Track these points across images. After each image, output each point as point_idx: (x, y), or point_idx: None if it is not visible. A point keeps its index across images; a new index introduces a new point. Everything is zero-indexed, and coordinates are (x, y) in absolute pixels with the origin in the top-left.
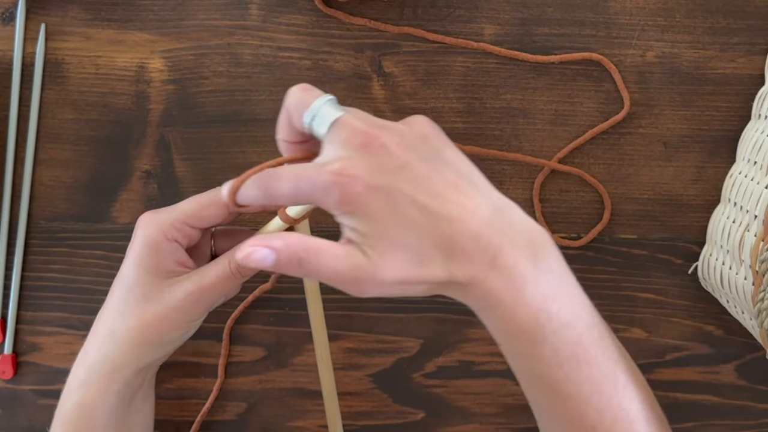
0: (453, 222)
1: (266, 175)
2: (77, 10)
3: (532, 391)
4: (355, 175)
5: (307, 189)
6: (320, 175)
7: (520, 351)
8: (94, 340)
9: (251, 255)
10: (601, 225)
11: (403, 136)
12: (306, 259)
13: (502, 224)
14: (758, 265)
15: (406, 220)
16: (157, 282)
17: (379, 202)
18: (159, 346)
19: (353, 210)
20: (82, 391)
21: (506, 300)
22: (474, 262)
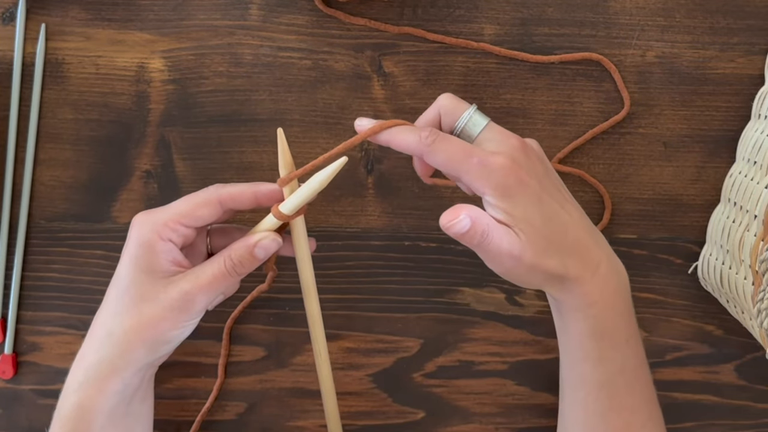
0: (576, 229)
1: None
2: (77, 10)
3: (592, 396)
4: (520, 167)
5: (474, 164)
6: (495, 157)
7: (598, 352)
8: (91, 341)
9: (457, 223)
10: (602, 225)
11: (537, 153)
12: (487, 232)
13: (604, 244)
14: (758, 265)
15: (546, 216)
16: (152, 282)
17: (530, 195)
18: (157, 345)
19: (513, 195)
20: (81, 392)
21: (601, 302)
22: (585, 264)
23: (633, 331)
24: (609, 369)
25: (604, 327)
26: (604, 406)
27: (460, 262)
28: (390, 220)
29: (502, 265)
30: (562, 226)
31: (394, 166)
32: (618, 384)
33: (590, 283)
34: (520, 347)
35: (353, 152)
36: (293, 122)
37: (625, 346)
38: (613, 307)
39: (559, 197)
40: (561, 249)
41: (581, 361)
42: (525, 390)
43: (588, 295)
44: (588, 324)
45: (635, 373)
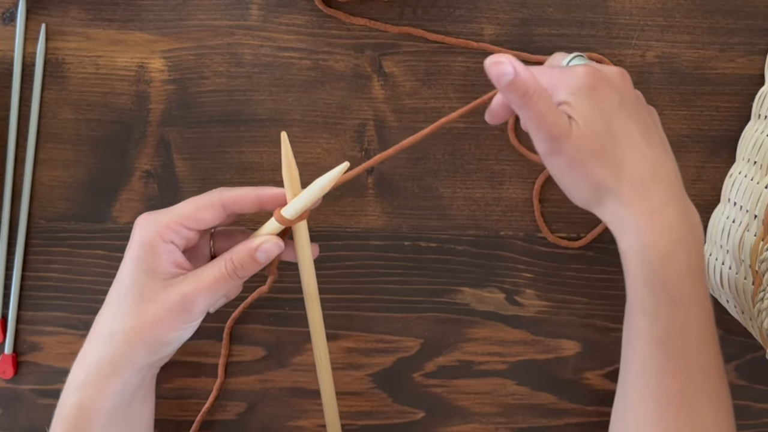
0: (647, 155)
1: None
2: (77, 10)
3: (650, 358)
4: (604, 75)
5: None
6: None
7: (654, 305)
8: (93, 340)
9: (499, 65)
10: (601, 227)
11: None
12: (531, 94)
13: (681, 194)
14: (758, 265)
15: (613, 126)
16: (154, 283)
17: (607, 99)
18: (157, 346)
19: (584, 94)
20: (81, 392)
21: (660, 248)
22: (647, 193)
23: (701, 296)
24: (666, 327)
25: (663, 279)
26: (660, 366)
27: (460, 262)
28: (390, 220)
29: (543, 143)
30: (634, 147)
31: (394, 166)
32: (676, 346)
33: (648, 220)
34: (520, 347)
35: (353, 152)
36: (293, 122)
37: (688, 307)
38: (675, 260)
39: (642, 127)
40: (620, 166)
41: (638, 313)
42: (525, 390)
43: (644, 234)
44: (644, 271)
45: (698, 340)
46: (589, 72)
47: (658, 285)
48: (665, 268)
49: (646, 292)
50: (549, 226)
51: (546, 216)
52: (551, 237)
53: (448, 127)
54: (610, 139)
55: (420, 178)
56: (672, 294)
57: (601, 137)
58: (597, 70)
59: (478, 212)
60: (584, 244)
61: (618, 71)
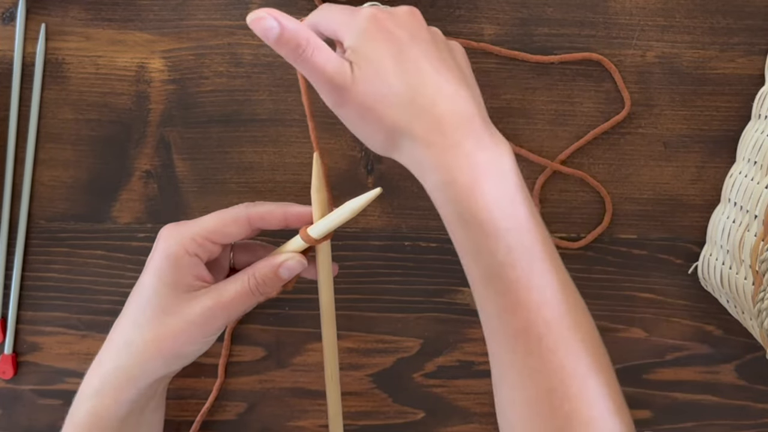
0: (441, 93)
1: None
2: (77, 10)
3: (484, 296)
4: (388, 18)
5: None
6: (366, 8)
7: (471, 243)
8: (109, 348)
9: (259, 21)
10: (601, 228)
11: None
12: (304, 47)
13: (481, 125)
14: (758, 265)
15: (403, 68)
16: (175, 295)
17: (391, 44)
18: (174, 359)
19: (366, 38)
20: (95, 400)
21: (462, 181)
22: (441, 130)
23: (522, 225)
24: (489, 262)
25: (471, 213)
26: (497, 304)
27: (460, 262)
28: (390, 220)
29: (327, 95)
30: (423, 85)
31: (394, 166)
32: (507, 279)
33: (446, 155)
34: None
35: (353, 152)
36: (293, 122)
37: (507, 237)
38: (480, 191)
39: (436, 62)
40: (411, 106)
41: (462, 256)
42: None
43: (444, 170)
44: (452, 208)
45: (531, 269)
46: (372, 13)
47: (468, 220)
48: (471, 202)
49: (460, 231)
50: (549, 226)
51: (546, 216)
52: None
53: None
54: (399, 79)
55: None
56: (485, 227)
57: (388, 78)
58: (381, 10)
59: None
60: (584, 244)
61: (407, 9)
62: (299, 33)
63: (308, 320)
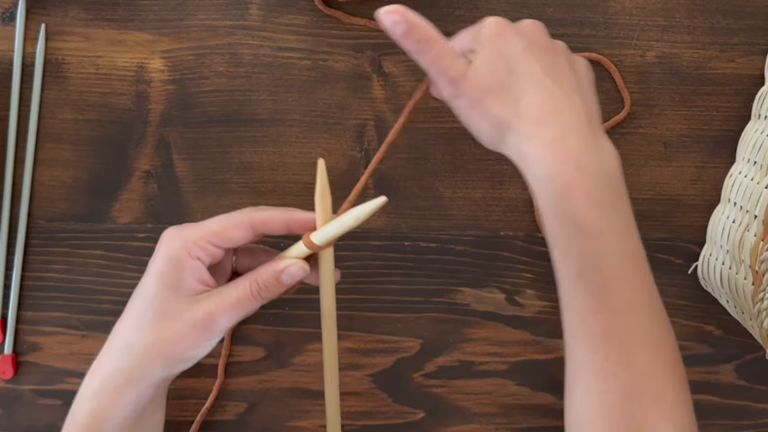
0: (546, 91)
1: None
2: (77, 10)
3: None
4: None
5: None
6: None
7: (566, 239)
8: (110, 350)
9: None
10: None
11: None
12: (425, 41)
13: (588, 126)
14: (758, 265)
15: (513, 66)
16: (177, 299)
17: (509, 45)
18: (175, 362)
19: (488, 40)
20: (95, 401)
21: (565, 176)
22: (545, 124)
23: (615, 228)
24: (580, 261)
25: (568, 209)
26: (581, 304)
27: (460, 262)
28: (390, 220)
29: (444, 87)
30: (530, 85)
31: (394, 166)
32: (593, 281)
33: (549, 149)
34: (520, 347)
35: (353, 152)
36: (293, 122)
37: (599, 240)
38: (578, 188)
39: (550, 67)
40: (518, 100)
41: (554, 250)
42: (525, 390)
43: (546, 164)
44: (550, 201)
45: (618, 275)
46: (496, 21)
47: (565, 216)
48: (569, 198)
49: (556, 225)
50: None
51: None
52: None
53: (448, 127)
54: (510, 78)
55: (420, 178)
56: (580, 225)
57: (500, 76)
58: (505, 20)
59: (478, 212)
60: None
61: (530, 21)
62: (422, 28)
63: (308, 320)
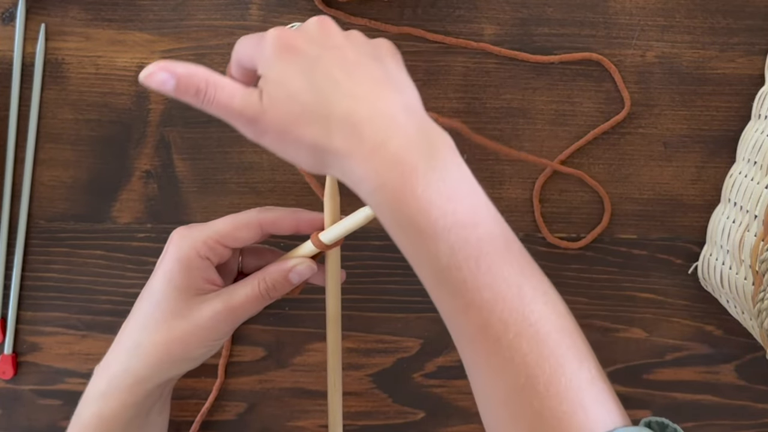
0: (355, 99)
1: None
2: (77, 10)
3: (437, 298)
4: (292, 36)
5: (254, 44)
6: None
7: (413, 247)
8: (117, 351)
9: (151, 76)
10: (601, 228)
11: (354, 36)
12: (204, 90)
13: (407, 120)
14: (758, 265)
15: (313, 83)
16: (185, 299)
17: (298, 61)
18: (183, 362)
19: (274, 62)
20: (102, 402)
21: (391, 185)
22: (360, 137)
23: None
24: (434, 266)
25: (406, 215)
26: (450, 307)
27: None
28: None
29: (243, 129)
30: (338, 95)
31: None
32: (456, 279)
33: (370, 161)
34: None
35: None
36: None
37: (448, 236)
38: (412, 191)
39: (352, 66)
40: (328, 120)
41: (409, 260)
42: None
43: (371, 177)
44: (385, 213)
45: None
46: (275, 35)
47: (404, 226)
48: (404, 205)
49: (399, 236)
50: (549, 226)
51: (546, 216)
52: (550, 237)
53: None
54: (312, 95)
55: None
56: (423, 230)
57: (300, 97)
58: (285, 30)
59: None
60: (584, 244)
61: (315, 20)
62: (195, 77)
63: (308, 320)
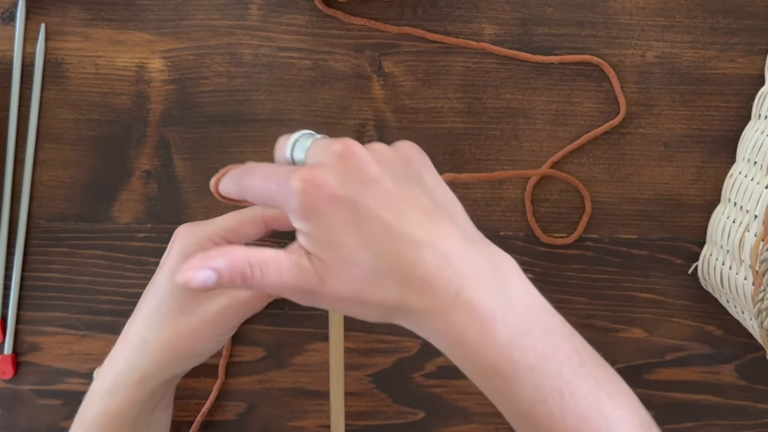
0: (417, 246)
1: (243, 169)
2: (77, 10)
3: (517, 426)
4: (323, 183)
5: (274, 190)
6: (289, 179)
7: (496, 391)
8: (123, 348)
9: (192, 279)
10: (578, 233)
11: (382, 153)
12: (250, 275)
13: (471, 255)
14: (758, 265)
15: (366, 235)
16: (191, 295)
17: (341, 213)
18: (189, 358)
19: (313, 217)
20: (108, 400)
21: (471, 338)
22: (435, 292)
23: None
24: (519, 405)
25: (489, 365)
26: None
27: None
28: None
29: (301, 301)
30: (396, 245)
31: None
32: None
33: (450, 316)
34: None
35: None
36: (293, 122)
37: (531, 374)
38: (495, 340)
39: (409, 210)
40: (396, 275)
41: (490, 398)
42: None
43: (449, 332)
44: (467, 366)
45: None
46: (303, 180)
47: (487, 373)
48: (486, 355)
49: (482, 383)
50: (549, 225)
51: (545, 216)
52: (544, 237)
53: (448, 127)
54: (370, 253)
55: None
56: (506, 375)
57: (357, 257)
58: (311, 181)
59: (478, 212)
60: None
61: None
62: (235, 263)
63: (308, 320)
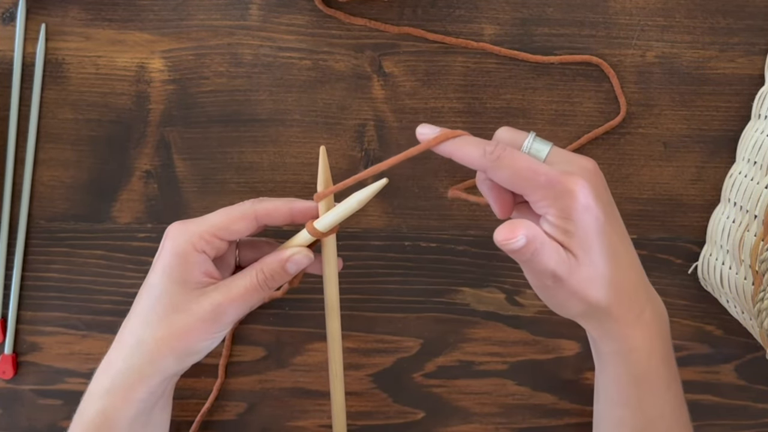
0: (635, 271)
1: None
2: (77, 10)
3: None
4: (590, 192)
5: (542, 182)
6: (565, 177)
7: (638, 400)
8: (119, 348)
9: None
10: None
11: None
12: (539, 250)
13: (647, 284)
14: (758, 265)
15: (607, 246)
16: (185, 292)
17: (597, 222)
18: (185, 356)
19: (578, 218)
20: (106, 400)
21: (642, 348)
22: (630, 306)
23: (674, 375)
24: (649, 415)
25: (645, 373)
26: None
27: (460, 262)
28: (390, 220)
29: (543, 282)
30: (619, 261)
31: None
32: (658, 428)
33: (632, 327)
34: (520, 347)
35: (353, 152)
36: (293, 122)
37: (666, 392)
38: (654, 353)
39: (620, 230)
40: (611, 284)
41: (620, 406)
42: (525, 390)
43: (629, 340)
44: (628, 370)
45: (675, 415)
46: (576, 187)
47: (640, 380)
48: (648, 365)
49: (631, 389)
50: None
51: None
52: None
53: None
54: (606, 263)
55: (420, 178)
56: (654, 385)
57: (598, 262)
58: (581, 184)
59: (478, 212)
60: None
61: (593, 169)
62: (536, 238)
63: (308, 320)
